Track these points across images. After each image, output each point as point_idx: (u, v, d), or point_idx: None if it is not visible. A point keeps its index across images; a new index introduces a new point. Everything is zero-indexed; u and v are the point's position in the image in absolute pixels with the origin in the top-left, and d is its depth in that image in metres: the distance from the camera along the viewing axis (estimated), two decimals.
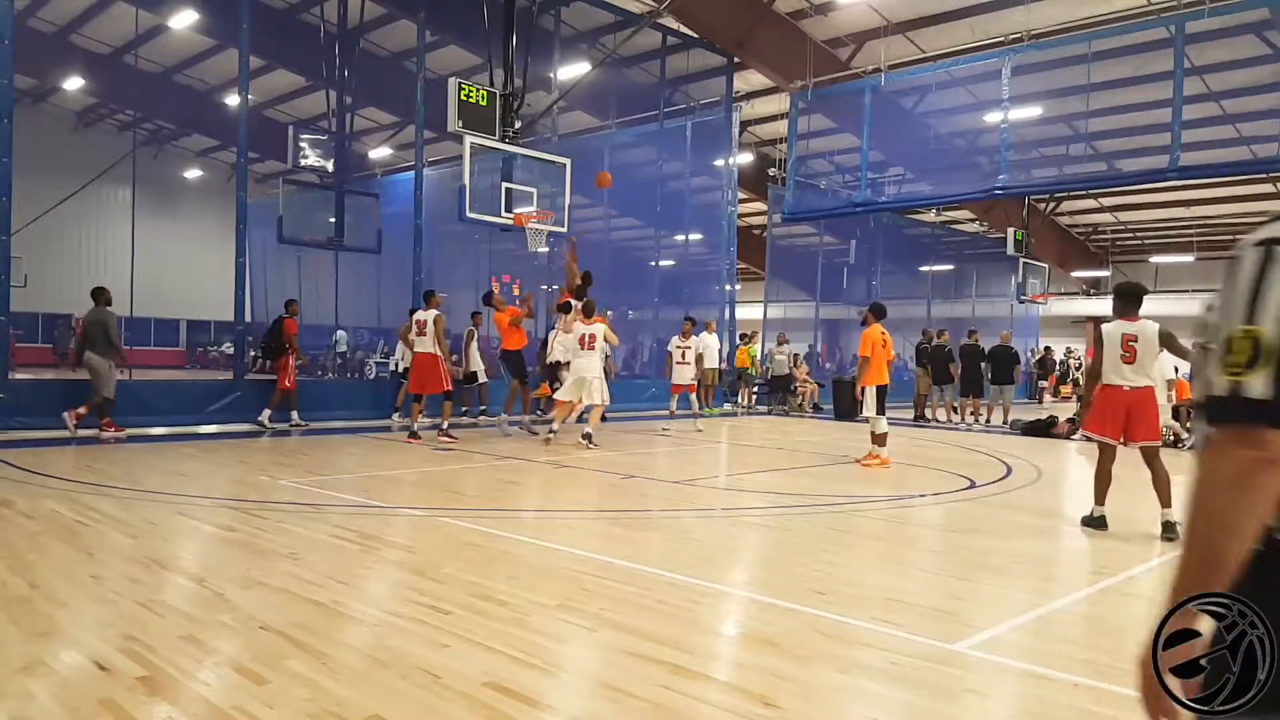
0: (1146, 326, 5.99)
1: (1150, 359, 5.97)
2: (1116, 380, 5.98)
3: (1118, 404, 5.98)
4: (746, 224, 28.25)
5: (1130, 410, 5.94)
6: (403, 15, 17.28)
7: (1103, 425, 6.06)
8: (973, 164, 19.34)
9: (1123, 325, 6.02)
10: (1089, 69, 14.15)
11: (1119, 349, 5.96)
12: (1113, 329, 6.04)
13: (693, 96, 19.09)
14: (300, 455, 9.30)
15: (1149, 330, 5.97)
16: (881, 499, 7.49)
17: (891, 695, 3.07)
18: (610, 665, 3.30)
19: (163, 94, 23.64)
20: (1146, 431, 5.97)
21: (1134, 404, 5.94)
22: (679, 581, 4.47)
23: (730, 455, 10.92)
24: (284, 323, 11.92)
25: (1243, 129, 17.54)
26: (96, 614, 3.71)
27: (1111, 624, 4.13)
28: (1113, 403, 6.00)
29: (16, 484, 6.78)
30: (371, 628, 3.64)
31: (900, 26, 16.68)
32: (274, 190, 19.25)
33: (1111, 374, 6.00)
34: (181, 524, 5.66)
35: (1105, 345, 6.02)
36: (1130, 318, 6.06)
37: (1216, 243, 29.17)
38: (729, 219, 18.99)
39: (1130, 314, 6.08)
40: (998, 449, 11.82)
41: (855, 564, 5.14)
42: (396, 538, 5.50)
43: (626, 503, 7.13)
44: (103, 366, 9.87)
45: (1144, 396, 5.97)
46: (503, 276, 20.15)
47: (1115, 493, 6.18)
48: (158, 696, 2.85)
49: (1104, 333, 6.07)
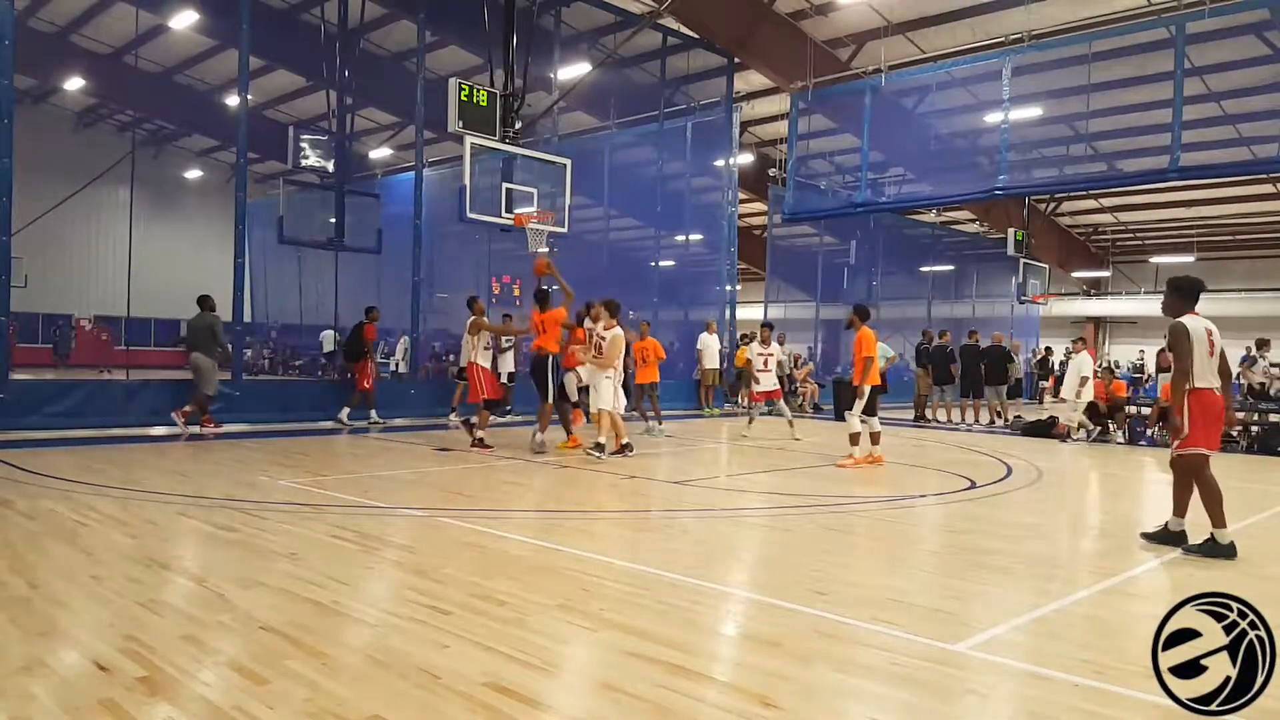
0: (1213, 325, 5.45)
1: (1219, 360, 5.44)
2: (1211, 383, 5.34)
3: (1217, 410, 5.36)
4: (747, 224, 28.26)
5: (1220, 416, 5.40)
6: (403, 15, 17.30)
7: (1210, 437, 5.37)
8: (973, 164, 19.35)
9: (1203, 321, 5.39)
10: (1089, 69, 14.15)
11: (1205, 345, 5.32)
12: (1198, 324, 5.36)
13: (693, 97, 19.11)
14: (300, 455, 9.30)
15: (1216, 329, 5.45)
16: (882, 499, 7.48)
17: (892, 695, 3.07)
18: (610, 665, 3.30)
19: (163, 94, 23.67)
20: (1219, 439, 5.50)
21: (1223, 409, 5.43)
22: (679, 581, 4.47)
23: (730, 455, 10.92)
24: (364, 328, 12.44)
25: (1243, 129, 17.55)
26: (96, 614, 3.71)
27: (1111, 624, 4.12)
28: (1214, 409, 5.34)
29: (16, 484, 6.79)
30: (371, 628, 3.64)
31: (901, 27, 16.69)
32: (274, 190, 19.28)
33: (1206, 376, 5.33)
34: (181, 524, 5.66)
35: (1195, 344, 5.31)
36: (1196, 313, 5.46)
37: (1217, 243, 29.19)
38: (729, 219, 19.00)
39: (1194, 310, 5.48)
40: (998, 449, 11.82)
41: (855, 564, 5.13)
42: (396, 538, 5.50)
43: (627, 503, 7.13)
44: (207, 366, 10.76)
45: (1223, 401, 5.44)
46: (503, 277, 20.17)
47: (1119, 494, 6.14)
48: (158, 696, 2.85)
49: (1191, 329, 5.34)
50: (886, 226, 25.05)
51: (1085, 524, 7.14)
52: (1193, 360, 5.28)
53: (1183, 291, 5.51)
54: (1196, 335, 5.31)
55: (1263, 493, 8.79)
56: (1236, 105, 17.21)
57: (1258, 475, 10.20)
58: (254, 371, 20.28)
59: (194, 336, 10.81)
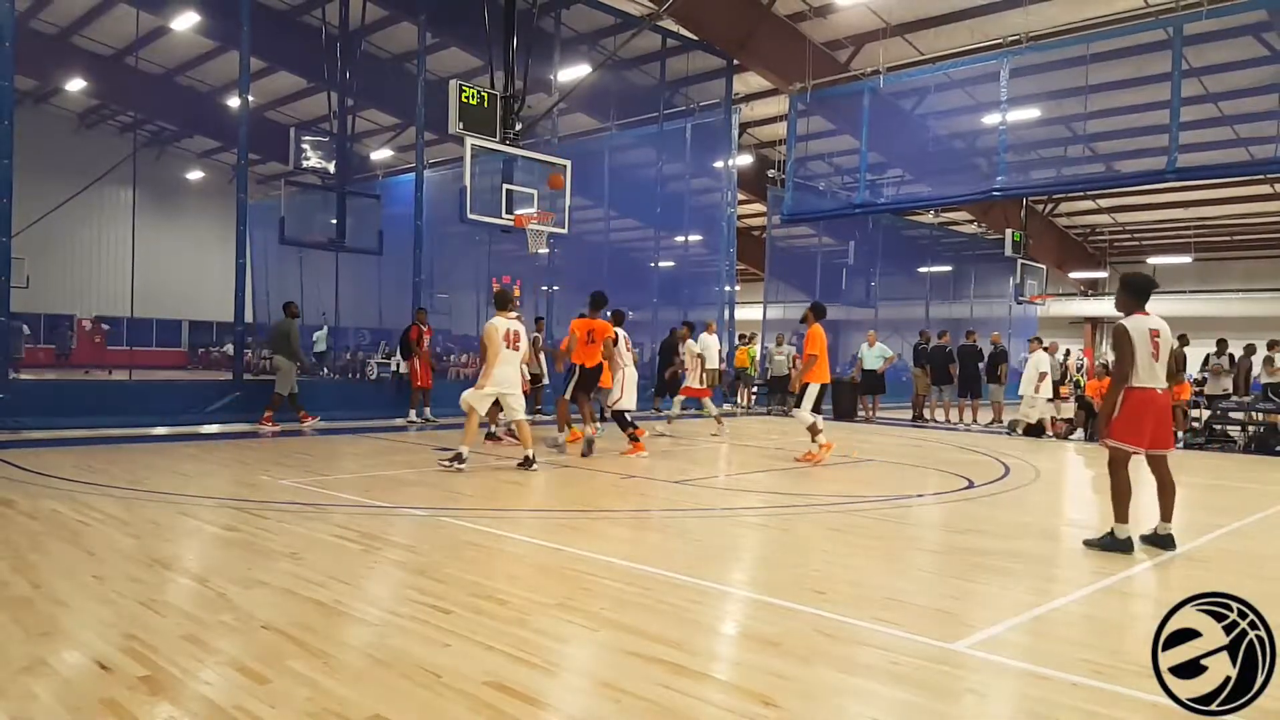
0: (1161, 322, 5.48)
1: (1168, 357, 5.47)
2: (1150, 382, 5.39)
3: (1156, 409, 5.42)
4: (746, 225, 28.29)
5: (1158, 416, 5.45)
6: (404, 17, 17.33)
7: (1139, 434, 5.41)
8: (971, 165, 19.39)
9: (1148, 320, 5.44)
10: (1087, 70, 14.18)
11: (1149, 346, 5.37)
12: (1140, 324, 5.42)
13: (692, 98, 19.13)
14: (301, 455, 9.30)
15: (1166, 328, 5.47)
16: (881, 499, 7.50)
17: (892, 695, 3.08)
18: (611, 665, 3.31)
19: (164, 95, 23.67)
20: (1167, 439, 5.51)
21: (1163, 409, 5.48)
22: (679, 581, 4.48)
23: (730, 455, 10.93)
24: (410, 329, 13.02)
25: (1240, 130, 17.59)
26: (98, 614, 3.72)
27: (1111, 624, 4.13)
28: (1151, 407, 5.39)
29: (18, 484, 6.79)
30: (373, 627, 3.65)
31: (899, 28, 16.71)
32: (275, 192, 19.29)
33: (1143, 374, 5.38)
34: (183, 524, 5.66)
35: (1137, 343, 5.38)
36: (1145, 313, 5.50)
37: (1214, 244, 29.22)
38: (728, 220, 19.02)
39: (1143, 309, 5.51)
40: (996, 449, 11.83)
41: (855, 564, 5.14)
42: (398, 537, 5.51)
43: (627, 503, 7.14)
44: (287, 367, 11.54)
45: (1167, 400, 5.53)
46: (503, 278, 20.18)
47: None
48: (159, 696, 2.86)
49: (1131, 329, 5.40)
50: (885, 227, 25.08)
51: (1083, 523, 7.14)
52: (1132, 361, 5.36)
53: (1131, 289, 5.54)
54: (1139, 335, 5.37)
55: (1262, 493, 8.81)
56: (1234, 106, 17.25)
57: (1257, 475, 10.22)
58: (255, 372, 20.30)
59: (273, 341, 11.89)
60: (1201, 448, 12.82)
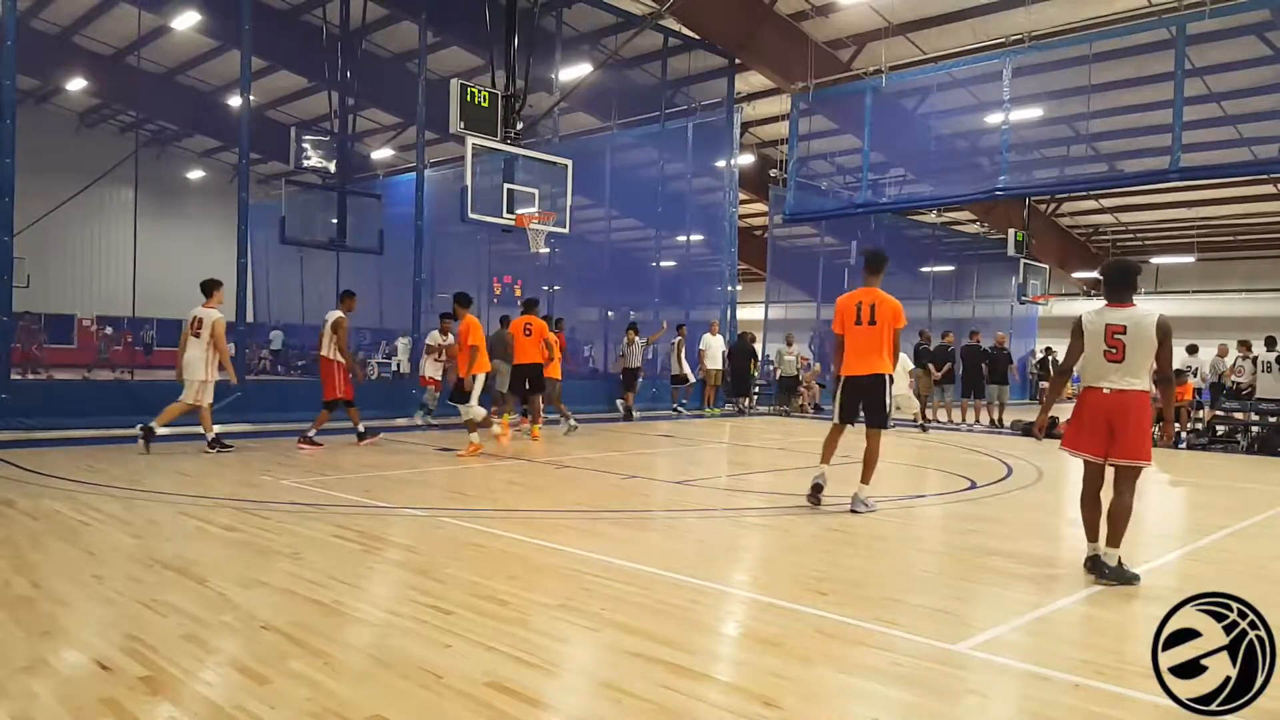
0: (1139, 315, 4.73)
1: (1143, 356, 4.69)
2: (1096, 381, 4.79)
3: (1097, 412, 4.78)
4: (747, 225, 28.26)
5: (1112, 420, 4.71)
6: (405, 16, 17.31)
7: (1082, 439, 4.84)
8: (974, 165, 19.35)
9: (1114, 314, 4.79)
10: (1090, 70, 14.16)
11: (1102, 342, 4.76)
12: (1100, 317, 4.82)
13: (694, 98, 19.11)
14: (303, 455, 9.31)
15: (1144, 320, 4.69)
16: (882, 499, 7.48)
17: (892, 695, 3.07)
18: (611, 665, 3.31)
19: (165, 95, 23.67)
20: (1128, 448, 4.68)
21: (1116, 412, 4.70)
22: (680, 581, 4.47)
23: (731, 455, 10.92)
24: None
25: (1244, 130, 17.54)
26: (98, 613, 3.72)
27: (1111, 624, 4.13)
28: (1099, 409, 4.76)
29: (18, 484, 6.80)
30: (373, 627, 3.65)
31: (901, 28, 16.69)
32: (276, 191, 19.31)
33: (1091, 373, 4.81)
34: (183, 524, 5.66)
35: (1087, 336, 4.83)
36: (1118, 304, 4.85)
37: (1218, 244, 29.17)
38: (730, 220, 19.00)
39: (1118, 300, 4.86)
40: (998, 449, 11.82)
41: (856, 564, 5.14)
42: (398, 538, 5.51)
43: (627, 503, 7.13)
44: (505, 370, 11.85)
45: (1128, 403, 4.68)
46: (504, 277, 20.20)
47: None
48: (159, 696, 2.86)
49: (1085, 322, 4.86)
50: (887, 227, 25.02)
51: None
52: (1076, 356, 4.92)
53: (1104, 280, 5.03)
54: (1090, 329, 4.82)
55: (1261, 493, 8.79)
56: (1237, 106, 17.20)
57: (1257, 475, 10.20)
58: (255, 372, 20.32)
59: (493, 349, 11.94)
60: (1205, 448, 12.81)
